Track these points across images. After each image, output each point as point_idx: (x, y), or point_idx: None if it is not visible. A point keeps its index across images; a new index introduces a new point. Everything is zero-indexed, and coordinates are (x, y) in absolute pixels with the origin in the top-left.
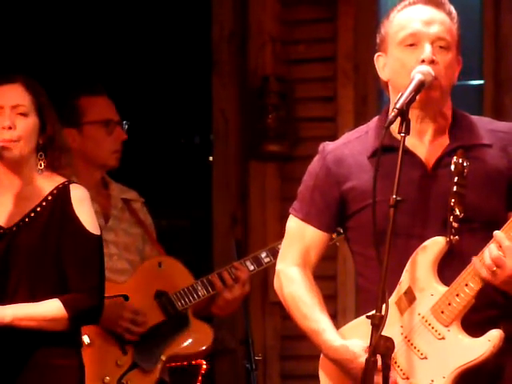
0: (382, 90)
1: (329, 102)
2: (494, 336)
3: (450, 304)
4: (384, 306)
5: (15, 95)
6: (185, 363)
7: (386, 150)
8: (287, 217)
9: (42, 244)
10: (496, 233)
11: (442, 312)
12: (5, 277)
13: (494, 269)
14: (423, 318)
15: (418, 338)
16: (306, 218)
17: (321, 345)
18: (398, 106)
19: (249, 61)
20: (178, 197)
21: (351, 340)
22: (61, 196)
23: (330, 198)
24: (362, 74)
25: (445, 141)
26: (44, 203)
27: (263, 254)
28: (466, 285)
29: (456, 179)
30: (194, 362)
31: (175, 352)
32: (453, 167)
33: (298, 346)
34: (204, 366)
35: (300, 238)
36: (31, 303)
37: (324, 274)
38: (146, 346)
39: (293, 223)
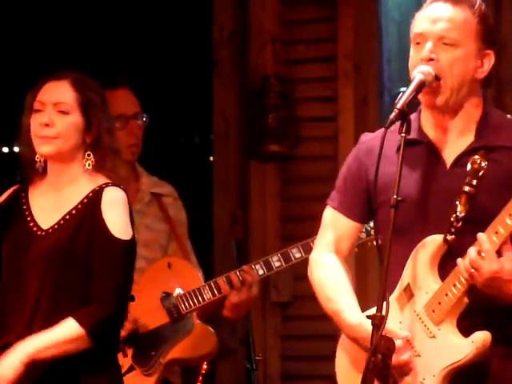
0: (382, 89)
1: (329, 102)
2: (477, 338)
3: (439, 303)
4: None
5: (58, 92)
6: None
7: (413, 143)
8: (287, 217)
9: (69, 248)
10: (479, 235)
11: (433, 311)
12: (31, 282)
13: (472, 271)
14: (418, 315)
15: (413, 335)
16: (339, 208)
17: (341, 324)
18: (398, 106)
19: (249, 61)
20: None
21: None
22: (94, 199)
23: (360, 189)
24: (363, 74)
25: (470, 139)
26: (79, 206)
27: (274, 258)
28: (454, 285)
29: (468, 179)
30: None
31: (175, 356)
32: (469, 167)
33: (299, 347)
34: (204, 366)
35: (333, 227)
36: (46, 331)
37: None
38: (146, 348)
39: (327, 212)
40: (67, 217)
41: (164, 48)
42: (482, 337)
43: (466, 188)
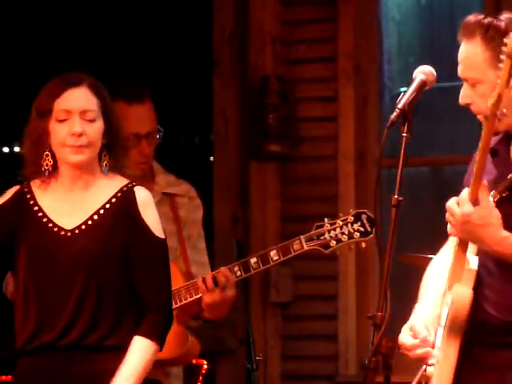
0: (382, 89)
1: (329, 102)
2: (454, 291)
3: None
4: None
5: (83, 100)
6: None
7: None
8: (287, 217)
9: (106, 248)
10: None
11: (448, 278)
12: (70, 281)
13: (451, 219)
14: (448, 289)
15: (444, 307)
16: None
17: None
18: (399, 106)
19: (249, 61)
20: None
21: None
22: (126, 199)
23: None
24: (363, 74)
25: None
26: (108, 205)
27: (252, 260)
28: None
29: None
30: (194, 362)
31: None
32: None
33: (299, 347)
34: (205, 366)
35: None
36: (126, 361)
37: (324, 274)
38: None
39: None
40: (95, 217)
41: (164, 48)
42: (457, 290)
43: None
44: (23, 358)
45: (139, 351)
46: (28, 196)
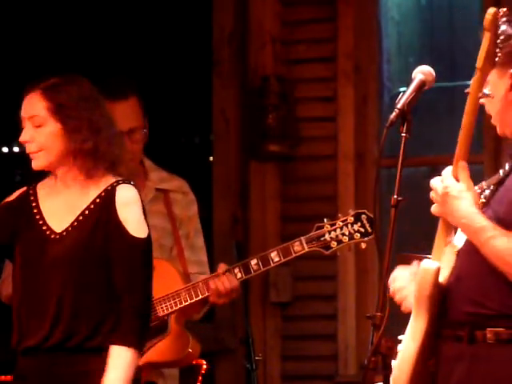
0: (382, 89)
1: (329, 102)
2: (421, 265)
3: None
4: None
5: (30, 106)
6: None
7: None
8: (287, 217)
9: (86, 248)
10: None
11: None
12: (50, 284)
13: (434, 195)
14: None
15: None
16: None
17: None
18: (399, 106)
19: (249, 61)
20: None
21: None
22: (107, 198)
23: None
24: (362, 74)
25: None
26: (92, 206)
27: (253, 262)
28: None
29: None
30: (194, 362)
31: (150, 359)
32: None
33: (299, 346)
34: (204, 366)
35: None
36: (108, 375)
37: (324, 274)
38: None
39: None
40: (80, 217)
41: (164, 48)
42: (424, 264)
43: None
44: (18, 357)
45: (119, 363)
46: (31, 198)
